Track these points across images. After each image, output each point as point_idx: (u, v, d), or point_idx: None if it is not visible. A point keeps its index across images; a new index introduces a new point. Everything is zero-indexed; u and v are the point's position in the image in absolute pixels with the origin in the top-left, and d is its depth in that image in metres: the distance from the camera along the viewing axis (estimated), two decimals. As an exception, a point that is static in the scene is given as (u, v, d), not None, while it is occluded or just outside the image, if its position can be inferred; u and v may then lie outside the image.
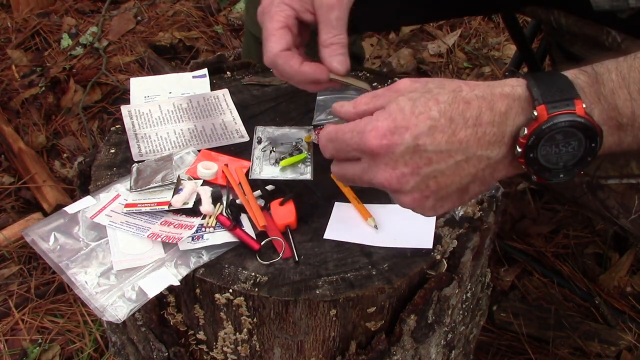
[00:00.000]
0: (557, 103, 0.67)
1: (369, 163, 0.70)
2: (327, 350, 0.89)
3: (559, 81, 0.69)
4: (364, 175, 0.72)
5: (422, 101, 0.68)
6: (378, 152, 0.68)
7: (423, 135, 0.67)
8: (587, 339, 1.50)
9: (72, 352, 1.50)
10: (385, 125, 0.68)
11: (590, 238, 1.75)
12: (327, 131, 0.74)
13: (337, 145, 0.73)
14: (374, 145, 0.68)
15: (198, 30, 2.50)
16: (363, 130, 0.69)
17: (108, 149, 1.05)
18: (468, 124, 0.67)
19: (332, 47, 0.89)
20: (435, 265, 0.88)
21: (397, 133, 0.67)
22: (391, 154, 0.68)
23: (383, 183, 0.70)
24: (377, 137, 0.68)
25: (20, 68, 2.30)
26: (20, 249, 1.71)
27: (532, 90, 0.68)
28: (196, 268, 0.85)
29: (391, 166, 0.68)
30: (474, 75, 2.34)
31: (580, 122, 0.67)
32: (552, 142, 0.68)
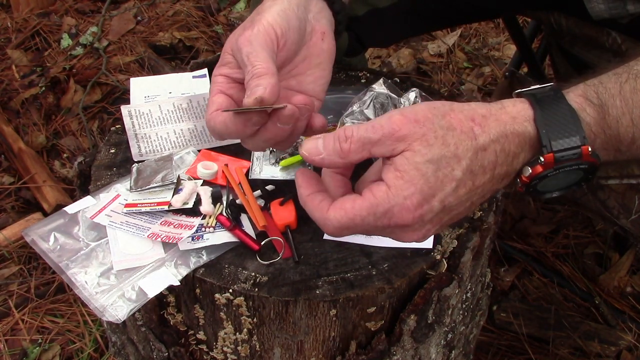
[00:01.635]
0: (564, 152, 0.67)
1: (394, 231, 0.68)
2: (327, 350, 0.89)
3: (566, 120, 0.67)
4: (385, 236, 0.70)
5: (444, 163, 0.64)
6: (409, 225, 0.66)
7: (449, 197, 0.66)
8: (587, 339, 1.50)
9: (72, 352, 1.50)
10: (415, 201, 0.64)
11: (590, 238, 1.75)
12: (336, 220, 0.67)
13: (355, 230, 0.68)
14: (407, 223, 0.65)
15: (198, 30, 2.50)
16: (390, 210, 0.65)
17: (108, 149, 1.05)
18: (486, 172, 0.67)
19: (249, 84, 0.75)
20: (435, 265, 0.88)
21: (427, 203, 0.65)
22: (421, 222, 0.66)
23: (409, 241, 0.69)
24: (409, 214, 0.65)
25: (20, 68, 2.30)
26: (20, 249, 1.71)
27: (541, 132, 0.67)
28: (196, 268, 0.85)
29: (419, 230, 0.67)
30: (474, 75, 2.34)
31: (584, 167, 0.68)
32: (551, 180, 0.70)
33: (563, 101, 0.68)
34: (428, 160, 0.64)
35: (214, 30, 2.52)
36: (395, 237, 0.69)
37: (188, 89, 1.18)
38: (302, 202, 0.70)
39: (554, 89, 0.69)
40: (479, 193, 0.68)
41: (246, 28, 0.81)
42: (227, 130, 0.77)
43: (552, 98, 0.69)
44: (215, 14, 2.60)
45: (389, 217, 0.65)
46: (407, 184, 0.64)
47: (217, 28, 2.53)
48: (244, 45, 0.78)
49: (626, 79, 0.70)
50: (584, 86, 0.70)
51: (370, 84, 1.18)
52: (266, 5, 0.83)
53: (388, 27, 1.28)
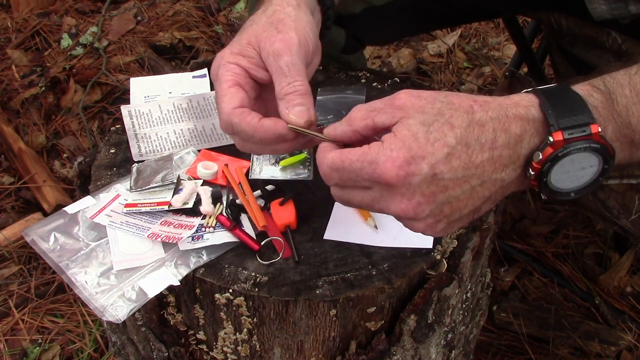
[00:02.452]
0: (573, 129, 0.65)
1: (381, 193, 0.67)
2: (327, 350, 0.89)
3: (573, 102, 0.67)
4: (374, 204, 0.69)
5: (437, 126, 0.65)
6: (394, 184, 0.65)
7: (440, 163, 0.64)
8: (587, 339, 1.50)
9: (72, 352, 1.50)
10: (401, 155, 0.64)
11: (590, 238, 1.75)
12: (330, 159, 0.69)
13: (343, 175, 0.68)
14: (390, 177, 0.64)
15: (198, 30, 2.51)
16: (376, 160, 0.65)
17: (108, 149, 1.05)
18: (484, 149, 0.65)
19: (287, 97, 0.77)
20: (435, 265, 0.88)
21: (414, 163, 0.64)
22: (408, 184, 0.65)
23: (398, 213, 0.67)
24: (393, 168, 0.64)
25: (20, 68, 2.30)
26: (20, 249, 1.71)
27: (547, 113, 0.66)
28: (196, 268, 0.85)
29: (407, 197, 0.66)
30: (474, 75, 2.34)
31: (596, 147, 0.66)
32: (565, 167, 0.67)
33: (568, 89, 0.68)
34: (420, 122, 0.65)
35: (214, 30, 2.52)
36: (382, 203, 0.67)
37: (188, 89, 1.18)
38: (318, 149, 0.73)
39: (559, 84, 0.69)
40: (478, 175, 0.66)
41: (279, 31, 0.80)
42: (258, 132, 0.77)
43: (556, 88, 0.68)
44: (215, 14, 2.60)
45: (374, 167, 0.65)
46: (397, 140, 0.65)
47: (217, 28, 2.53)
48: (285, 53, 0.78)
49: (636, 71, 0.69)
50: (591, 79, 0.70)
51: (370, 83, 1.18)
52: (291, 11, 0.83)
53: (385, 25, 1.28)
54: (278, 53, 0.79)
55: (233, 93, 0.79)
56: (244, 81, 0.81)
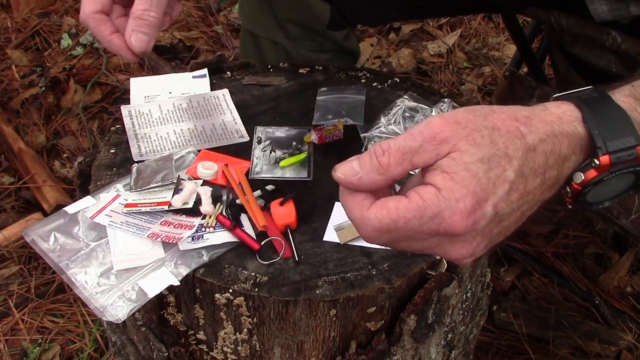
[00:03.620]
0: (620, 153, 0.62)
1: (440, 241, 0.61)
2: (327, 350, 0.89)
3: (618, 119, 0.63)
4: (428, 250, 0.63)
5: (496, 162, 0.59)
6: (461, 234, 0.59)
7: (502, 201, 0.59)
8: (587, 339, 1.50)
9: (72, 352, 1.50)
10: (468, 204, 0.58)
11: (590, 238, 1.75)
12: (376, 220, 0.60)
13: (397, 235, 0.61)
14: (458, 230, 0.59)
15: (198, 30, 2.50)
16: (440, 214, 0.58)
17: (108, 149, 1.05)
18: (537, 174, 0.61)
19: (137, 21, 0.85)
20: (435, 265, 0.88)
21: (479, 209, 0.59)
22: (473, 231, 0.60)
23: (457, 258, 0.62)
24: (462, 220, 0.58)
25: (20, 68, 2.30)
26: (20, 249, 1.70)
27: (593, 133, 0.62)
28: (196, 268, 0.85)
29: (469, 242, 0.61)
30: (474, 75, 2.34)
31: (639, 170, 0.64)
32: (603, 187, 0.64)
33: (611, 101, 0.64)
34: (478, 160, 0.58)
35: (214, 30, 2.52)
36: (440, 250, 0.62)
37: (188, 89, 1.18)
38: (342, 200, 0.64)
39: (598, 91, 0.65)
40: (529, 201, 0.62)
41: None
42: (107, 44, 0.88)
43: (598, 99, 0.64)
44: (215, 14, 2.60)
45: (438, 222, 0.58)
46: (458, 185, 0.58)
47: (217, 28, 2.53)
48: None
49: None
50: (631, 87, 0.66)
51: (370, 83, 1.18)
52: None
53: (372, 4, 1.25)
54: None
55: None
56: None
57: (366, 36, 2.49)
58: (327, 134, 1.04)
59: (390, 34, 2.54)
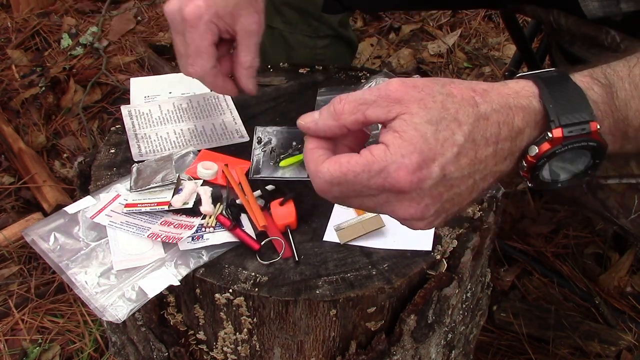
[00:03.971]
0: (573, 127, 0.64)
1: (388, 199, 0.64)
2: (327, 350, 0.89)
3: (574, 96, 0.65)
4: (377, 208, 0.65)
5: (445, 124, 0.61)
6: (406, 190, 0.62)
7: (450, 163, 0.62)
8: (587, 339, 1.50)
9: (72, 352, 1.50)
10: (413, 160, 0.60)
11: (590, 238, 1.75)
12: (328, 173, 0.63)
13: (347, 188, 0.63)
14: (402, 185, 0.61)
15: (198, 30, 2.50)
16: (386, 168, 0.61)
17: (108, 149, 1.05)
18: (489, 143, 0.63)
19: (250, 70, 0.99)
20: (435, 265, 0.88)
21: (426, 167, 0.61)
22: (419, 189, 0.62)
23: (405, 217, 0.64)
24: (407, 175, 0.61)
25: (20, 68, 2.30)
26: (20, 249, 1.70)
27: (548, 107, 0.64)
28: (196, 268, 0.85)
29: (416, 201, 0.63)
30: (474, 76, 2.34)
31: (593, 145, 0.65)
32: (559, 162, 0.66)
33: (569, 80, 0.66)
34: (427, 122, 0.61)
35: (214, 30, 2.52)
36: (389, 208, 0.64)
37: (188, 89, 1.18)
38: (304, 155, 0.68)
39: (558, 71, 0.67)
40: (481, 170, 0.64)
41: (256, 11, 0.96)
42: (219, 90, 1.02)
43: (556, 77, 0.66)
44: (215, 14, 2.59)
45: (384, 176, 0.61)
46: (406, 143, 0.61)
47: (217, 28, 2.52)
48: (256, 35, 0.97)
49: (635, 63, 0.68)
50: (591, 69, 0.68)
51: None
52: None
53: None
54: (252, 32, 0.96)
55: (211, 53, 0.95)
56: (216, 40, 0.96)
57: (366, 36, 2.49)
58: None
59: (390, 34, 2.54)
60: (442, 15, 2.60)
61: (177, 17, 0.94)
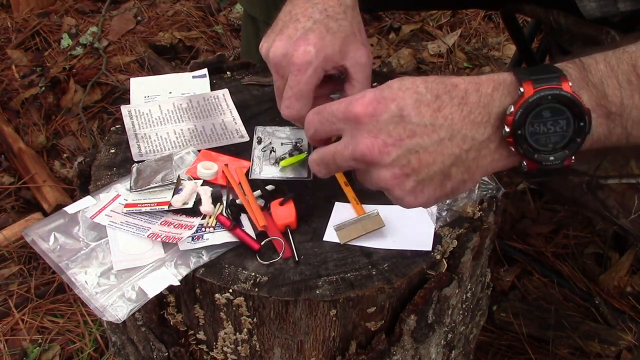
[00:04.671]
0: (543, 80, 0.68)
1: (351, 133, 0.71)
2: (327, 350, 0.89)
3: (545, 67, 0.70)
4: (345, 150, 0.72)
5: (410, 80, 0.70)
6: (362, 120, 0.69)
7: (408, 106, 0.68)
8: (587, 339, 1.50)
9: (72, 352, 1.50)
10: (372, 95, 0.70)
11: (590, 238, 1.75)
12: (316, 109, 0.76)
13: (322, 117, 0.75)
14: (359, 112, 0.69)
15: (198, 30, 2.51)
16: (351, 101, 0.71)
17: (108, 149, 1.05)
18: (454, 102, 0.68)
19: None
20: (435, 265, 0.88)
21: (383, 102, 0.69)
22: (375, 121, 0.69)
23: (364, 151, 0.69)
24: (363, 104, 0.69)
25: (20, 68, 2.30)
26: (20, 249, 1.71)
27: (519, 72, 0.69)
28: (196, 268, 0.85)
29: (374, 134, 0.69)
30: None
31: (567, 96, 0.68)
32: (539, 120, 0.69)
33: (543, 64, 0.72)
34: (399, 80, 0.71)
35: (214, 30, 2.52)
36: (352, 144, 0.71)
37: (188, 89, 1.18)
38: None
39: None
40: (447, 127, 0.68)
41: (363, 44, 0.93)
42: None
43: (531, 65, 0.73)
44: (215, 14, 2.60)
45: (347, 105, 0.71)
46: (374, 89, 0.71)
47: (217, 28, 2.53)
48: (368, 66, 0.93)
49: (612, 52, 0.70)
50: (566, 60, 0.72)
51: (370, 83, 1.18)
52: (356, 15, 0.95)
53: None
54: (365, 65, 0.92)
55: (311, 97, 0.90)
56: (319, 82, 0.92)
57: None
58: None
59: (390, 34, 2.54)
60: (442, 15, 2.60)
61: (283, 62, 0.89)
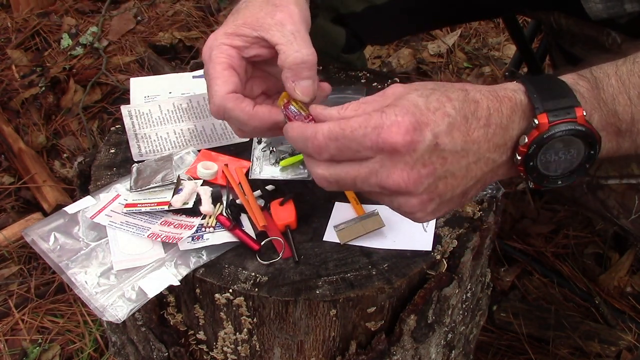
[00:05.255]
0: (557, 112, 0.65)
1: (382, 162, 0.64)
2: (327, 350, 0.89)
3: (558, 87, 0.67)
4: (371, 177, 0.65)
5: (435, 97, 0.64)
6: (400, 151, 0.62)
7: (442, 134, 0.63)
8: (587, 339, 1.50)
9: (72, 352, 1.50)
10: (406, 120, 0.62)
11: (590, 238, 1.75)
12: (327, 128, 0.64)
13: (342, 144, 0.64)
14: (395, 141, 0.62)
15: (198, 30, 2.51)
16: (380, 124, 0.62)
17: (108, 149, 1.05)
18: (480, 124, 0.65)
19: (295, 67, 0.75)
20: (435, 265, 0.88)
21: (419, 129, 0.62)
22: (412, 152, 0.62)
23: (399, 184, 0.64)
24: (400, 132, 0.61)
25: (20, 68, 2.30)
26: (20, 249, 1.71)
27: (532, 97, 0.66)
28: (196, 268, 0.85)
29: (410, 165, 0.63)
30: (474, 75, 2.34)
31: (581, 130, 0.66)
32: (551, 150, 0.67)
33: (554, 77, 0.69)
34: (418, 95, 0.64)
35: (214, 30, 2.52)
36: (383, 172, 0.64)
37: (188, 89, 1.18)
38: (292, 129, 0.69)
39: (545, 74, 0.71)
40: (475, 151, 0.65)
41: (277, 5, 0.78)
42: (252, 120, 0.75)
43: (543, 77, 0.69)
44: (215, 14, 2.60)
45: (378, 131, 0.62)
46: (399, 107, 0.63)
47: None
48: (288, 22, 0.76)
49: (623, 62, 0.70)
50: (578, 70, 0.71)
51: (370, 83, 1.18)
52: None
53: (386, 24, 1.28)
54: (281, 22, 0.76)
55: (226, 77, 0.76)
56: (237, 63, 0.78)
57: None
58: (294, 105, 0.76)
59: (390, 34, 2.54)
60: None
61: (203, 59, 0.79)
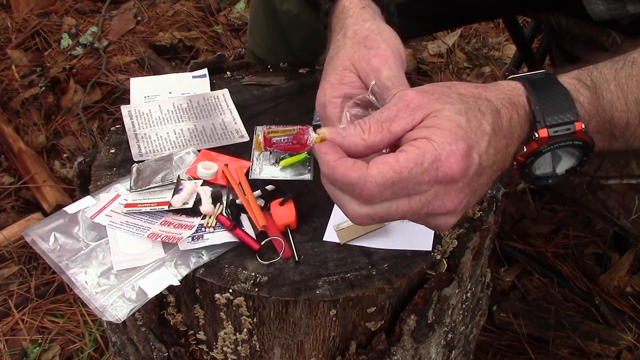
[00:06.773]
0: (558, 127, 0.66)
1: (436, 193, 0.62)
2: (327, 350, 0.89)
3: (559, 97, 0.67)
4: (423, 208, 0.63)
5: (472, 115, 0.62)
6: (457, 179, 0.61)
7: (483, 154, 0.63)
8: (587, 339, 1.50)
9: (72, 352, 1.50)
10: (461, 148, 0.60)
11: (590, 238, 1.75)
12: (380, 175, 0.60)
13: (400, 187, 0.61)
14: (455, 172, 0.61)
15: (198, 30, 2.50)
16: (437, 158, 0.60)
17: (108, 149, 1.05)
18: (504, 134, 0.65)
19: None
20: (435, 265, 0.88)
21: (469, 154, 0.61)
22: (464, 177, 0.62)
23: (449, 209, 0.63)
24: (459, 162, 0.60)
25: (20, 68, 2.30)
26: (20, 249, 1.71)
27: (534, 109, 0.66)
28: (196, 268, 0.85)
29: (460, 190, 0.62)
30: (474, 75, 2.34)
31: (578, 143, 0.68)
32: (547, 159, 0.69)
33: (556, 82, 0.68)
34: (456, 112, 0.61)
35: (214, 30, 2.52)
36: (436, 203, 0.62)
37: (188, 89, 1.18)
38: (330, 168, 0.63)
39: (546, 73, 0.70)
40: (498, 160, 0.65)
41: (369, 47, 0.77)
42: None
43: (543, 79, 0.69)
44: (215, 14, 2.60)
45: (437, 166, 0.60)
46: (447, 132, 0.60)
47: (217, 28, 2.53)
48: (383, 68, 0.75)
49: (622, 65, 0.70)
50: (578, 71, 0.71)
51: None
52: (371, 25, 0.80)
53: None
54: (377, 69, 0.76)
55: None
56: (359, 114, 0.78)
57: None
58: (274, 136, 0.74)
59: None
60: (442, 15, 2.60)
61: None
